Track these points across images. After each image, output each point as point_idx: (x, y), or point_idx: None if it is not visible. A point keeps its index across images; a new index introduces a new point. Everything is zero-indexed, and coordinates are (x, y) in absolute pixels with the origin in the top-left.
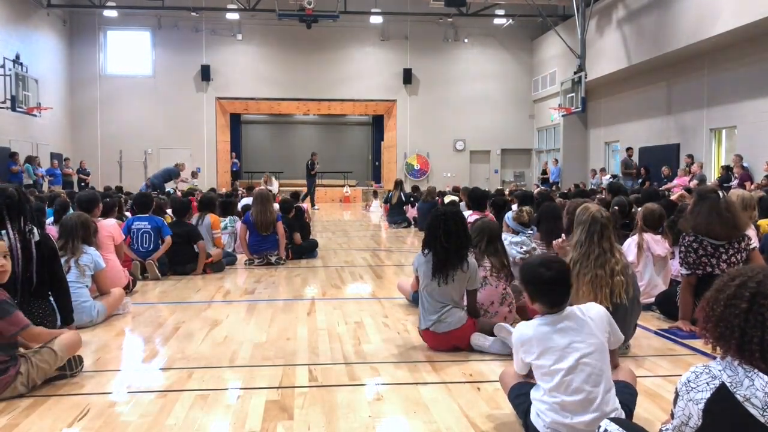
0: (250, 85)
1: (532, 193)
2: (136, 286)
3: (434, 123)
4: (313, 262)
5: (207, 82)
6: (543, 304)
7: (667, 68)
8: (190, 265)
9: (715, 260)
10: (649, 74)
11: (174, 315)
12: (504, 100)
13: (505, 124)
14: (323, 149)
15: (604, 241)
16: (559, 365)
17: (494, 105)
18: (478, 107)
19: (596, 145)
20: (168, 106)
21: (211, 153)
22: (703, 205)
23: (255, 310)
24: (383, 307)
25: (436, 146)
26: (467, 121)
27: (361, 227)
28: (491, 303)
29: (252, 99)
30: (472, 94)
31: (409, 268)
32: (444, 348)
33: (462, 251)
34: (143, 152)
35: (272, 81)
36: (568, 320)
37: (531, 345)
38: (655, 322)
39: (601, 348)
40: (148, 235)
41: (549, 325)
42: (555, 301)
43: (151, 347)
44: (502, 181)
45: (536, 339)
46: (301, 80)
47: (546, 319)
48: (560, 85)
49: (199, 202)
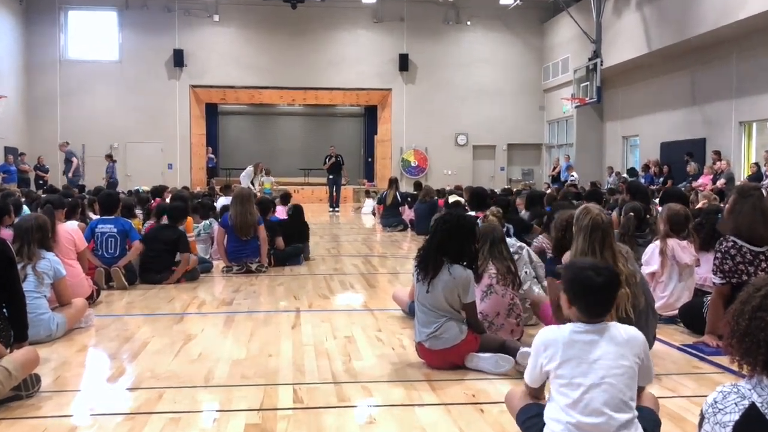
0: (228, 72)
1: (542, 193)
2: (100, 297)
3: (433, 115)
4: (298, 269)
5: (180, 69)
6: (582, 312)
7: (691, 55)
8: (163, 274)
9: (752, 268)
10: (672, 61)
11: (143, 328)
12: (511, 90)
13: (513, 117)
14: (309, 143)
15: (606, 249)
16: (582, 379)
17: (500, 95)
18: (482, 97)
19: (613, 139)
20: (136, 95)
21: (185, 148)
22: (744, 204)
23: (233, 323)
24: (376, 320)
25: (435, 141)
26: (470, 113)
27: (352, 230)
28: (497, 314)
29: (230, 87)
30: (476, 83)
31: (405, 277)
32: (442, 366)
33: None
34: (109, 147)
35: (253, 67)
36: (603, 334)
37: (557, 349)
38: (678, 337)
39: (631, 373)
40: (114, 239)
41: (582, 334)
42: (596, 311)
43: (117, 364)
44: (509, 180)
45: (564, 344)
46: (285, 67)
47: (580, 327)
48: (573, 73)
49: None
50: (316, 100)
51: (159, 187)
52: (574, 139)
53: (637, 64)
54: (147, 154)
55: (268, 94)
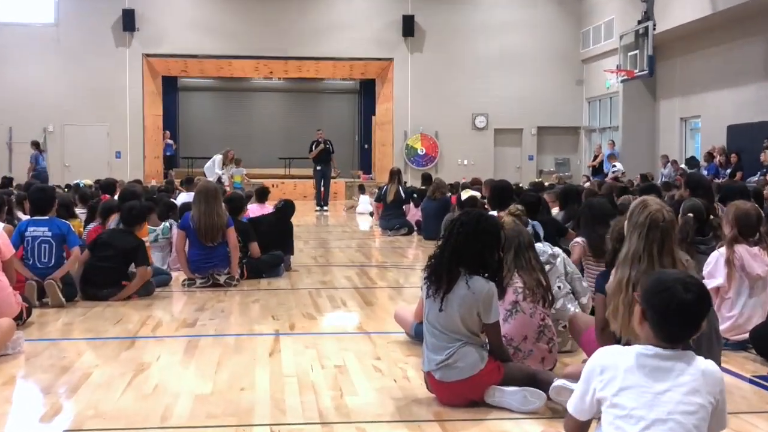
0: (189, 38)
1: (579, 188)
2: (31, 316)
3: (445, 91)
4: (277, 282)
5: (130, 34)
6: (658, 333)
7: (766, 17)
8: (109, 289)
9: None
10: (743, 25)
11: (84, 355)
12: (541, 60)
13: (544, 93)
14: (291, 126)
15: (665, 254)
16: (645, 412)
17: (528, 67)
18: (505, 70)
19: (668, 121)
20: (76, 66)
21: (137, 131)
22: None
23: (196, 350)
24: (374, 346)
25: (447, 123)
26: (491, 89)
27: (344, 234)
28: (524, 338)
29: (193, 56)
30: (498, 52)
31: (410, 292)
32: (457, 402)
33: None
34: (42, 130)
35: (221, 32)
36: (677, 363)
37: (616, 374)
38: (749, 366)
39: (704, 414)
40: (48, 245)
41: (651, 359)
42: (676, 335)
43: (51, 401)
44: (539, 172)
45: (627, 369)
46: (261, 31)
47: (650, 350)
48: (619, 39)
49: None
50: (299, 73)
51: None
52: (620, 121)
53: (699, 28)
54: (90, 140)
55: (240, 66)
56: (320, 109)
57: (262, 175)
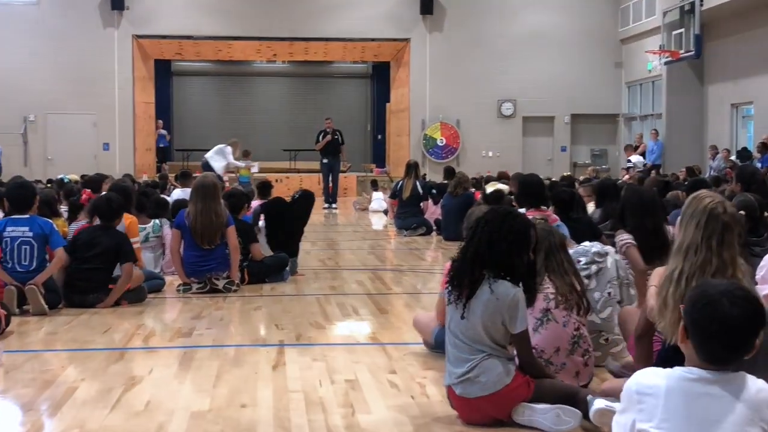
0: (184, 17)
1: (615, 182)
2: (10, 325)
3: (468, 75)
4: (281, 287)
5: (119, 13)
6: (701, 354)
7: None
8: (96, 294)
9: None
10: None
11: (69, 368)
12: (575, 40)
13: (578, 77)
14: (297, 115)
15: (726, 248)
16: None
17: (560, 47)
18: (535, 51)
19: (717, 108)
20: (60, 49)
21: (126, 121)
22: None
23: (193, 362)
24: (389, 358)
25: (470, 110)
26: (519, 73)
27: (356, 235)
28: (556, 350)
29: (188, 38)
30: (527, 31)
31: (429, 299)
32: (481, 420)
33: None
34: (22, 119)
35: (219, 10)
36: (727, 387)
37: (657, 402)
38: None
39: None
40: (29, 246)
41: (697, 383)
42: (721, 357)
43: (32, 418)
44: (573, 165)
45: (667, 394)
46: (263, 9)
47: (694, 374)
48: (662, 16)
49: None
50: (306, 56)
51: (95, 177)
52: (664, 107)
53: (752, 4)
54: (75, 130)
55: (241, 48)
56: (329, 95)
57: (265, 168)
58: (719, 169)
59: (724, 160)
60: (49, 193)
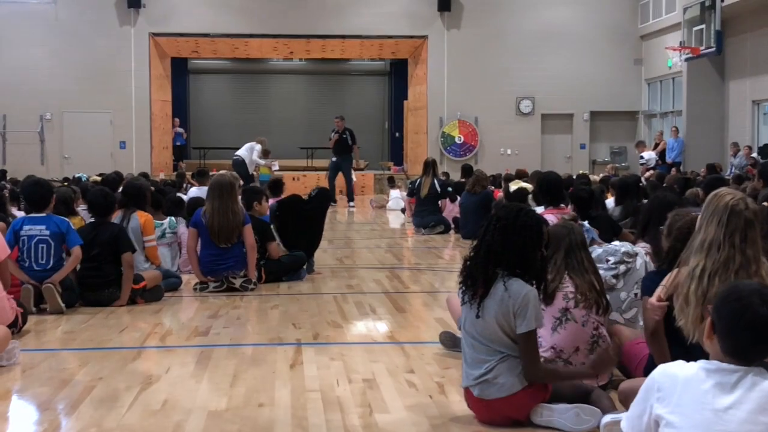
0: (201, 14)
1: (638, 178)
2: (27, 323)
3: (486, 72)
4: (298, 286)
5: (136, 11)
6: (727, 350)
7: None
8: (110, 290)
9: None
10: None
11: (86, 367)
12: (595, 37)
13: (597, 74)
14: (314, 112)
15: (749, 245)
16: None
17: (579, 44)
18: (554, 48)
19: (739, 105)
20: (76, 47)
21: (143, 119)
22: None
23: (210, 361)
24: (407, 357)
25: (488, 108)
26: (537, 70)
27: (373, 233)
28: (575, 350)
29: (205, 35)
30: (546, 28)
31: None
32: (498, 421)
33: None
34: (39, 118)
35: (236, 8)
36: (743, 379)
37: (673, 389)
38: None
39: None
40: (46, 245)
41: (715, 373)
42: (745, 353)
43: (50, 417)
44: (592, 162)
45: (684, 382)
46: (280, 7)
47: (713, 365)
48: (683, 12)
49: (122, 191)
50: (323, 53)
51: (112, 176)
52: (684, 104)
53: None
54: (91, 129)
55: (257, 45)
56: (346, 93)
57: (281, 166)
58: (741, 166)
59: (746, 157)
60: (65, 192)
